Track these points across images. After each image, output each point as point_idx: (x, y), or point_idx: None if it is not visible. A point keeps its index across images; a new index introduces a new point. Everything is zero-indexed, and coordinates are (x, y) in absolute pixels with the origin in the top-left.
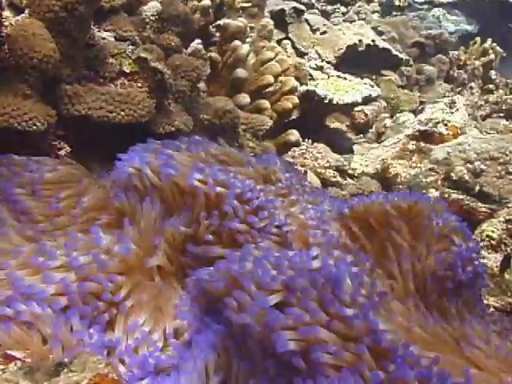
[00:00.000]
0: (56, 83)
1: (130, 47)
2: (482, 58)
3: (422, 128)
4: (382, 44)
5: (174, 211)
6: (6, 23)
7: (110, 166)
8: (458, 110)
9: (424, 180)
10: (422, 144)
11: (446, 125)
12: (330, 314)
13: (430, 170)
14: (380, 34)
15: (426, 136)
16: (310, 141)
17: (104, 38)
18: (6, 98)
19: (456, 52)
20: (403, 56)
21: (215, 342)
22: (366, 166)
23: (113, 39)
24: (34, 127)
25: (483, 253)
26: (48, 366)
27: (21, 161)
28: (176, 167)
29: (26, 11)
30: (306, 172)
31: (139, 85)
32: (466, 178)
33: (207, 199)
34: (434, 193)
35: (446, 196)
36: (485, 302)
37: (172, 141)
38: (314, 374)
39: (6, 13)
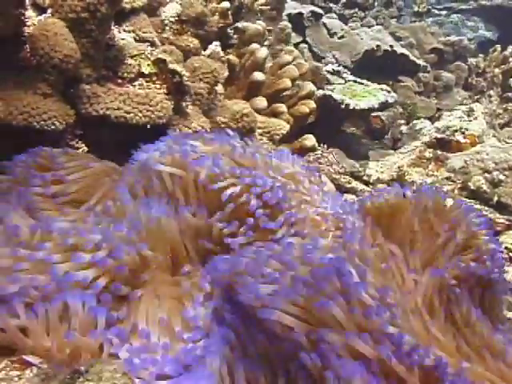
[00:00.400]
0: (76, 83)
1: (149, 48)
2: (502, 66)
3: (439, 136)
4: (399, 50)
5: (190, 201)
6: (29, 23)
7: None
8: (476, 118)
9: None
10: (439, 152)
11: (463, 133)
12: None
13: (447, 178)
14: (398, 39)
15: (443, 144)
16: (325, 146)
17: (124, 39)
18: (26, 96)
19: (475, 59)
20: (421, 62)
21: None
22: (382, 172)
23: (132, 40)
24: (53, 127)
25: None
26: (64, 373)
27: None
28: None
29: (49, 11)
30: (320, 176)
31: (157, 86)
32: (484, 187)
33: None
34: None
35: None
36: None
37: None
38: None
39: (29, 12)
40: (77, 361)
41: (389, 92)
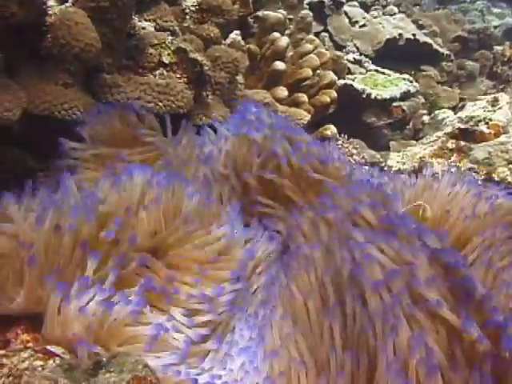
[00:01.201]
0: (97, 72)
1: (170, 37)
2: None
3: (462, 126)
4: (422, 38)
5: None
6: (50, 12)
7: None
8: (500, 108)
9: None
10: (462, 143)
11: (487, 123)
12: None
13: (470, 169)
14: (421, 27)
15: (467, 134)
16: (345, 136)
17: (144, 28)
18: (48, 86)
19: (500, 47)
20: (444, 51)
21: None
22: (403, 163)
23: (153, 29)
24: (74, 116)
25: None
26: (87, 364)
27: None
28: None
29: (70, 0)
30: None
31: (178, 75)
32: (509, 179)
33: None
34: None
35: None
36: None
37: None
38: None
39: (51, 2)
40: None
41: (411, 82)
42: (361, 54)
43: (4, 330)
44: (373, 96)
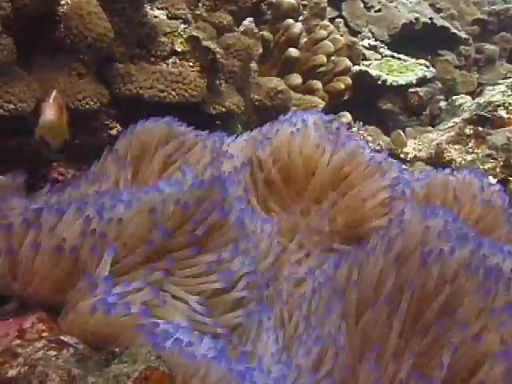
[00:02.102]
0: (109, 62)
1: (182, 26)
2: None
3: (481, 111)
4: (439, 22)
5: None
6: (63, 2)
7: None
8: None
9: (481, 167)
10: (480, 128)
11: (506, 108)
12: None
13: (488, 156)
14: (438, 11)
15: (485, 120)
16: (361, 123)
17: (156, 17)
18: (61, 76)
19: None
20: (462, 34)
21: None
22: (419, 150)
23: (165, 17)
24: (87, 106)
25: None
26: (99, 354)
27: None
28: None
29: None
30: None
31: (191, 64)
32: None
33: None
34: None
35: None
36: None
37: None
38: None
39: None
40: None
41: (427, 67)
42: (376, 40)
43: (20, 319)
44: (388, 82)
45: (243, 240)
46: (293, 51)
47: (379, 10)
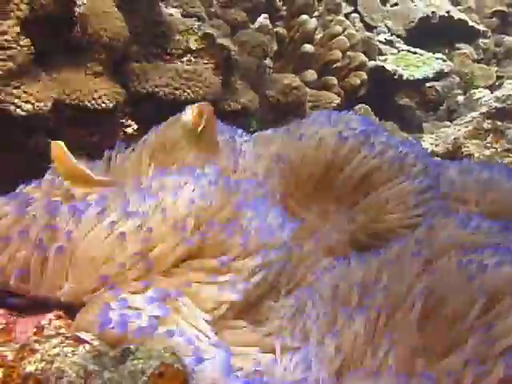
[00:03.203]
0: (125, 61)
1: (197, 23)
2: None
3: (499, 105)
4: (457, 15)
5: None
6: (79, 2)
7: None
8: None
9: (500, 162)
10: (499, 123)
11: None
12: None
13: (507, 150)
14: (456, 4)
15: (504, 114)
16: (377, 118)
17: (171, 15)
18: (78, 75)
19: None
20: (480, 27)
21: None
22: (437, 145)
23: (180, 15)
24: (103, 105)
25: None
26: (115, 351)
27: None
28: None
29: None
30: None
31: (205, 61)
32: None
33: None
34: None
35: None
36: None
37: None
38: None
39: None
40: None
41: (444, 61)
42: (392, 35)
43: (38, 316)
44: (405, 77)
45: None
46: (308, 47)
47: (395, 4)
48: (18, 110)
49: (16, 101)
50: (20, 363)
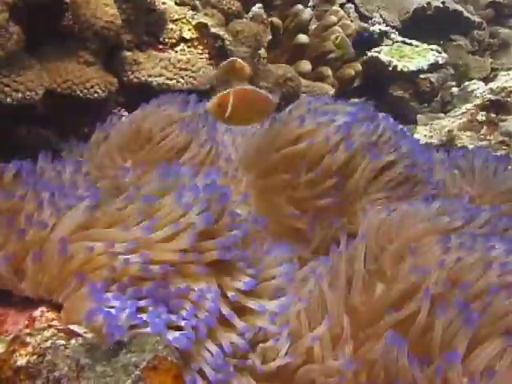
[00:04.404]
0: (117, 50)
1: (191, 12)
2: None
3: (494, 97)
4: (452, 6)
5: None
6: None
7: None
8: None
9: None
10: (493, 115)
11: None
12: None
13: (501, 142)
14: None
15: (498, 106)
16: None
17: (164, 3)
18: (69, 65)
19: None
20: (476, 18)
21: None
22: (431, 137)
23: (173, 4)
24: (96, 95)
25: None
26: (108, 344)
27: None
28: None
29: None
30: None
31: (199, 51)
32: None
33: None
34: None
35: None
36: None
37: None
38: None
39: None
40: None
41: (439, 52)
42: (387, 25)
43: (30, 308)
44: (399, 68)
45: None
46: (302, 37)
47: None
48: (8, 98)
49: (6, 89)
50: (11, 356)
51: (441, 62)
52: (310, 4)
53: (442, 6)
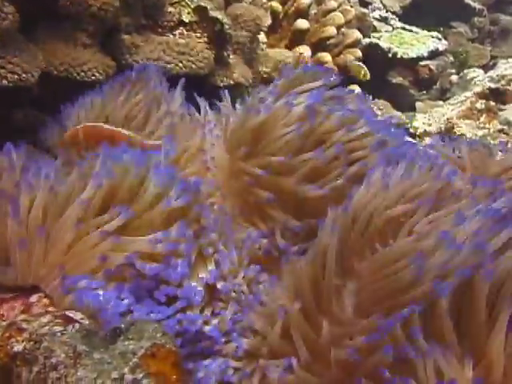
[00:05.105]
0: (115, 33)
1: None
2: None
3: (493, 85)
4: None
5: None
6: None
7: None
8: None
9: (493, 142)
10: (492, 103)
11: None
12: None
13: (500, 131)
14: None
15: (497, 94)
16: (370, 97)
17: None
18: (66, 47)
19: None
20: (476, 5)
21: None
22: (429, 124)
23: None
24: (93, 77)
25: None
26: (105, 330)
27: None
28: None
29: None
30: None
31: (198, 35)
32: None
33: None
34: None
35: None
36: None
37: None
38: None
39: None
40: None
41: (439, 39)
42: (387, 11)
43: (27, 294)
44: (399, 55)
45: None
46: (302, 23)
47: None
48: (4, 80)
49: (1, 71)
50: (8, 342)
51: (441, 49)
52: None
53: None
